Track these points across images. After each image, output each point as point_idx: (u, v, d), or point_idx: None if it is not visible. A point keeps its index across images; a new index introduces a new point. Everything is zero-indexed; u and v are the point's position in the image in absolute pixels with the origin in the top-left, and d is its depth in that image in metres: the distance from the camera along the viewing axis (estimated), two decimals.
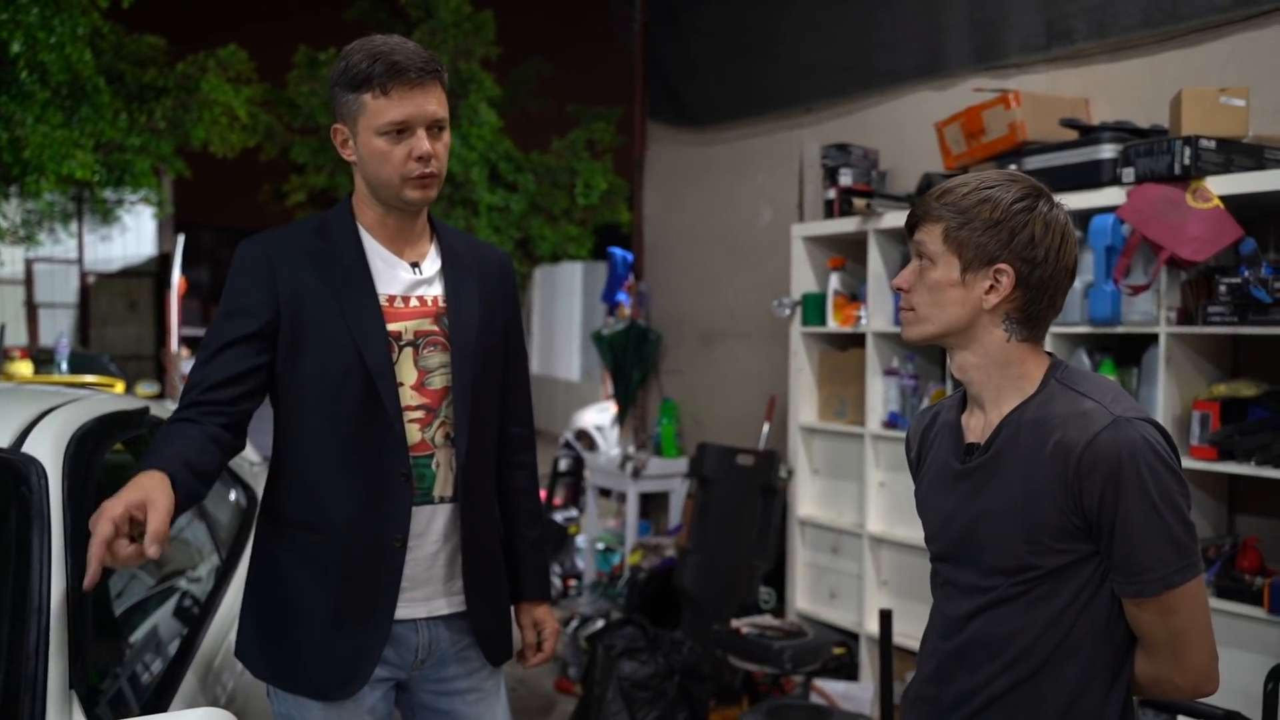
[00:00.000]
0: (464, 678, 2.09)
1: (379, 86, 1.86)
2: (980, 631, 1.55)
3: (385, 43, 1.89)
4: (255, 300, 1.92)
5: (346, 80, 1.89)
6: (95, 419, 2.28)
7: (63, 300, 17.59)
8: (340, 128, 1.95)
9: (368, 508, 1.94)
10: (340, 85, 1.90)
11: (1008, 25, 4.02)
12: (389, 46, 1.88)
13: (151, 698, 1.99)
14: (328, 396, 1.93)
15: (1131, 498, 1.42)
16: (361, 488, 1.94)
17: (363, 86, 1.87)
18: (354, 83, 1.88)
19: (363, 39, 1.93)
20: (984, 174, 1.57)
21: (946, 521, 1.61)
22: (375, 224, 2.01)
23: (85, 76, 10.55)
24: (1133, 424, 1.44)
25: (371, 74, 1.85)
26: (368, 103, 1.88)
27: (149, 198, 14.26)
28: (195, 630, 2.36)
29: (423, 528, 1.99)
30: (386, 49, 1.87)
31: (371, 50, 1.87)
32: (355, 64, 1.87)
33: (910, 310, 1.60)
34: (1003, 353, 1.55)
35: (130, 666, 2.02)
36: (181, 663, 2.18)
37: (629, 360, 5.90)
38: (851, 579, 4.17)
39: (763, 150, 5.27)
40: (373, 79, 1.86)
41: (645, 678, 3.62)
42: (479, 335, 2.03)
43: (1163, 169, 3.02)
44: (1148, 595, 1.45)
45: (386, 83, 1.85)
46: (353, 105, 1.90)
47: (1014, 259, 1.50)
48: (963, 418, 1.64)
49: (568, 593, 6.25)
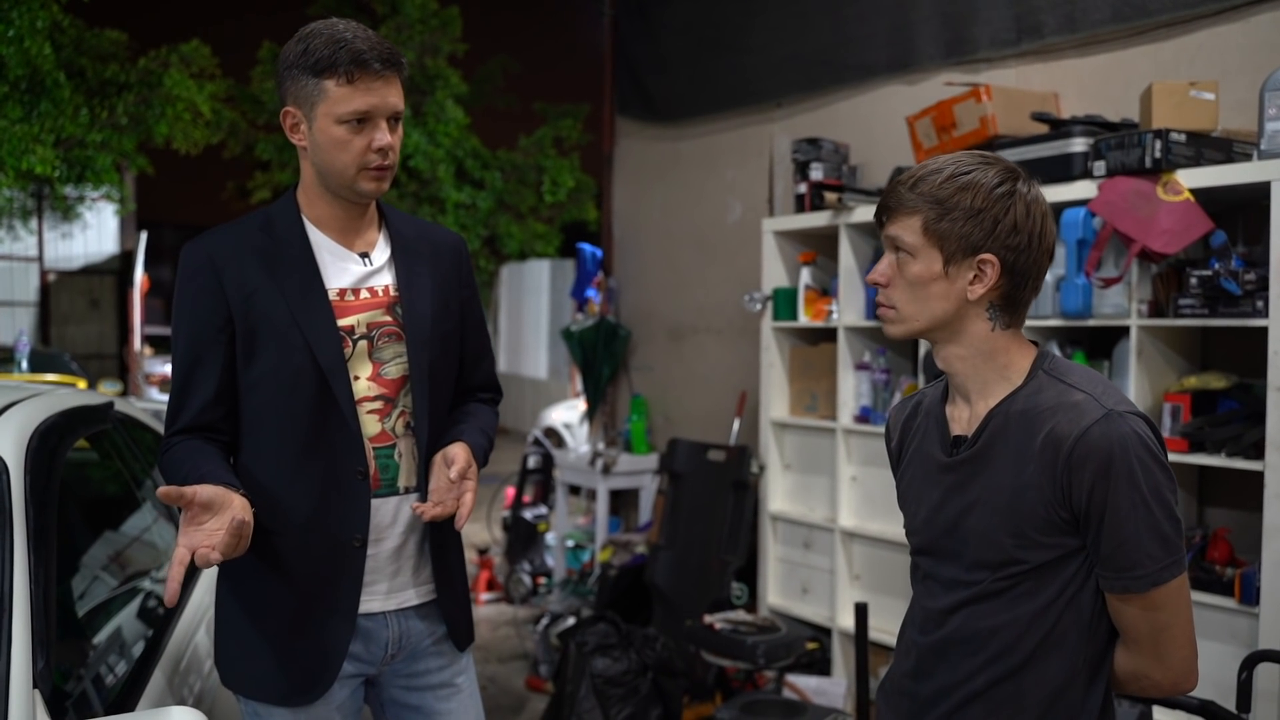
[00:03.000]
0: (436, 672, 2.06)
1: (345, 74, 1.82)
2: (962, 626, 1.53)
3: (349, 29, 1.85)
4: (206, 309, 1.90)
5: (308, 64, 1.83)
6: (58, 414, 2.24)
7: (22, 298, 17.31)
8: (293, 111, 1.89)
9: (325, 508, 1.91)
10: (298, 68, 1.84)
11: (977, 20, 4.03)
12: (352, 34, 1.84)
13: (117, 698, 1.94)
14: (281, 397, 1.90)
15: (1121, 492, 1.40)
16: (318, 488, 1.91)
17: (326, 72, 1.82)
18: (315, 67, 1.82)
19: (323, 22, 1.88)
20: (955, 157, 1.52)
21: (931, 515, 1.58)
22: (323, 216, 1.97)
23: (45, 71, 10.39)
24: (1125, 418, 1.42)
25: (336, 60, 1.81)
26: (330, 89, 1.83)
27: (111, 194, 14.05)
28: (162, 630, 2.31)
29: (389, 519, 1.96)
30: (350, 36, 1.83)
31: (335, 36, 1.83)
32: (318, 48, 1.82)
33: (891, 308, 1.55)
34: (988, 343, 1.52)
35: (96, 666, 1.98)
36: (148, 662, 2.14)
37: (598, 357, 5.88)
38: (823, 574, 4.16)
39: (732, 145, 5.26)
40: (337, 65, 1.81)
41: (618, 674, 3.59)
42: (433, 322, 2.00)
43: (1134, 162, 3.03)
44: (1136, 591, 1.43)
45: (352, 71, 1.81)
46: (312, 90, 1.84)
47: (998, 247, 1.47)
48: (947, 409, 1.61)
49: (537, 590, 6.22)
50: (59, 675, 1.75)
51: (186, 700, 2.23)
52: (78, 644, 2.00)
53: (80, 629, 2.06)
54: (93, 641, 2.07)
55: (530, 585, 6.25)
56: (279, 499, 1.92)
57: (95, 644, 2.07)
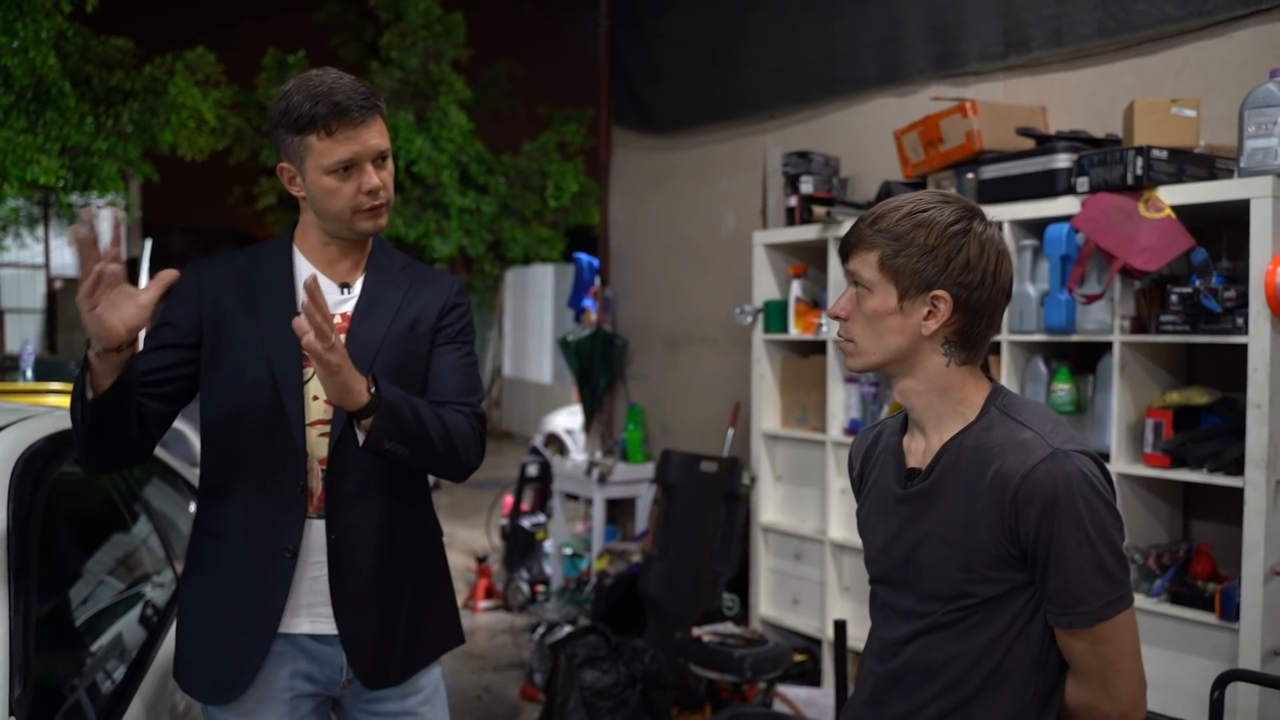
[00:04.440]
0: (395, 700, 2.08)
1: (323, 128, 1.89)
2: (915, 657, 1.56)
3: (323, 82, 1.91)
4: (180, 313, 2.00)
5: (289, 123, 1.91)
6: (46, 438, 2.27)
7: (30, 305, 17.42)
8: (287, 167, 1.99)
9: (264, 517, 1.98)
10: (283, 128, 1.93)
11: (966, 34, 4.05)
12: (327, 86, 1.90)
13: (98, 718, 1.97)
14: (237, 405, 1.98)
15: (1067, 530, 1.43)
16: (260, 497, 1.98)
17: (307, 129, 1.90)
18: (297, 125, 1.90)
19: (299, 78, 1.95)
20: (918, 195, 1.56)
21: (887, 545, 1.61)
22: (315, 248, 2.05)
23: (50, 80, 10.44)
24: (1070, 457, 1.45)
25: (315, 115, 1.88)
26: (313, 144, 1.91)
27: (116, 202, 14.12)
28: (147, 649, 2.34)
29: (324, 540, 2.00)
30: (325, 89, 1.89)
31: (311, 92, 1.89)
32: (296, 106, 1.90)
33: (850, 341, 1.58)
34: (943, 378, 1.55)
35: (77, 688, 2.00)
36: (131, 683, 2.17)
37: (595, 366, 5.90)
38: (814, 585, 4.18)
39: (727, 156, 5.28)
40: (316, 121, 1.89)
41: (607, 686, 3.62)
42: (381, 347, 1.99)
43: (1116, 179, 3.05)
44: (1080, 627, 1.46)
45: (331, 123, 1.88)
46: (298, 147, 1.93)
47: (951, 284, 1.50)
48: (905, 440, 1.64)
49: (535, 598, 6.25)
50: (36, 699, 1.78)
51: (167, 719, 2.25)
52: (60, 665, 2.03)
53: (65, 649, 2.09)
54: (77, 662, 2.10)
55: (528, 593, 6.28)
56: (223, 504, 2.01)
57: (79, 665, 2.10)
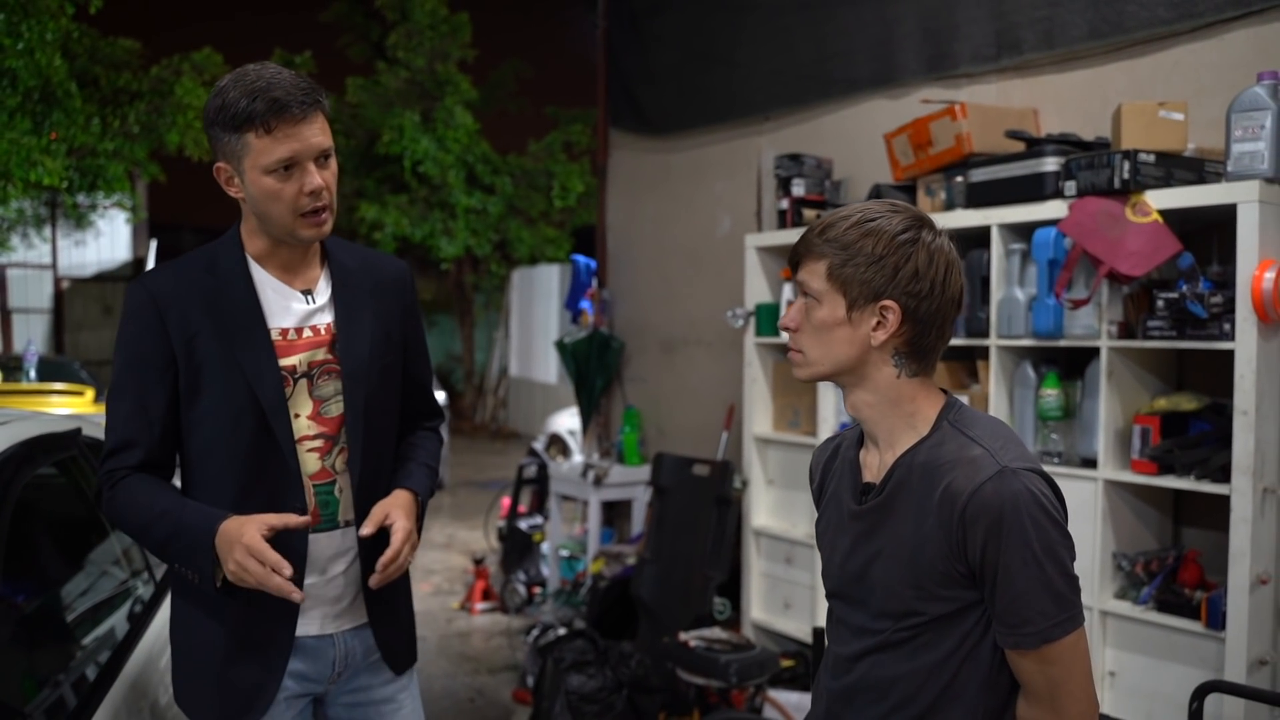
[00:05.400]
0: (378, 688, 2.12)
1: (262, 125, 1.81)
2: (867, 674, 1.54)
3: (260, 77, 1.83)
4: (149, 348, 1.91)
5: (226, 120, 1.83)
6: (20, 444, 2.26)
7: (36, 305, 17.46)
8: (224, 167, 1.90)
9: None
10: (219, 125, 1.85)
11: (958, 35, 4.02)
12: (265, 82, 1.82)
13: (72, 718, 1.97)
14: (223, 436, 1.93)
15: (1013, 549, 1.41)
16: None
17: (244, 126, 1.82)
18: (234, 123, 1.82)
19: (235, 73, 1.87)
20: (867, 204, 1.54)
21: (842, 560, 1.59)
22: (265, 254, 1.98)
23: (56, 82, 10.47)
24: (1018, 475, 1.42)
25: (253, 112, 1.81)
26: (251, 142, 1.83)
27: (122, 202, 14.16)
28: (125, 648, 2.35)
29: (332, 552, 2.01)
30: (263, 85, 1.82)
31: (249, 88, 1.82)
32: (233, 102, 1.82)
33: (798, 352, 1.56)
34: (894, 390, 1.53)
35: (54, 687, 2.00)
36: (105, 681, 2.17)
37: (591, 368, 5.90)
38: (805, 589, 4.16)
39: (721, 158, 5.26)
40: (254, 118, 1.81)
41: (593, 691, 3.61)
42: (370, 358, 2.02)
43: (1103, 182, 3.02)
44: (1027, 648, 1.44)
45: (270, 120, 1.81)
46: (235, 145, 1.85)
47: (899, 294, 1.48)
48: (861, 454, 1.62)
49: (532, 600, 6.25)
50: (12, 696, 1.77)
51: (145, 719, 2.25)
52: (34, 662, 2.03)
53: (41, 647, 2.10)
54: (53, 659, 2.10)
55: (525, 595, 6.27)
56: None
57: (57, 662, 2.10)
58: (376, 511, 1.96)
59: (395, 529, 1.95)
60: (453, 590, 6.83)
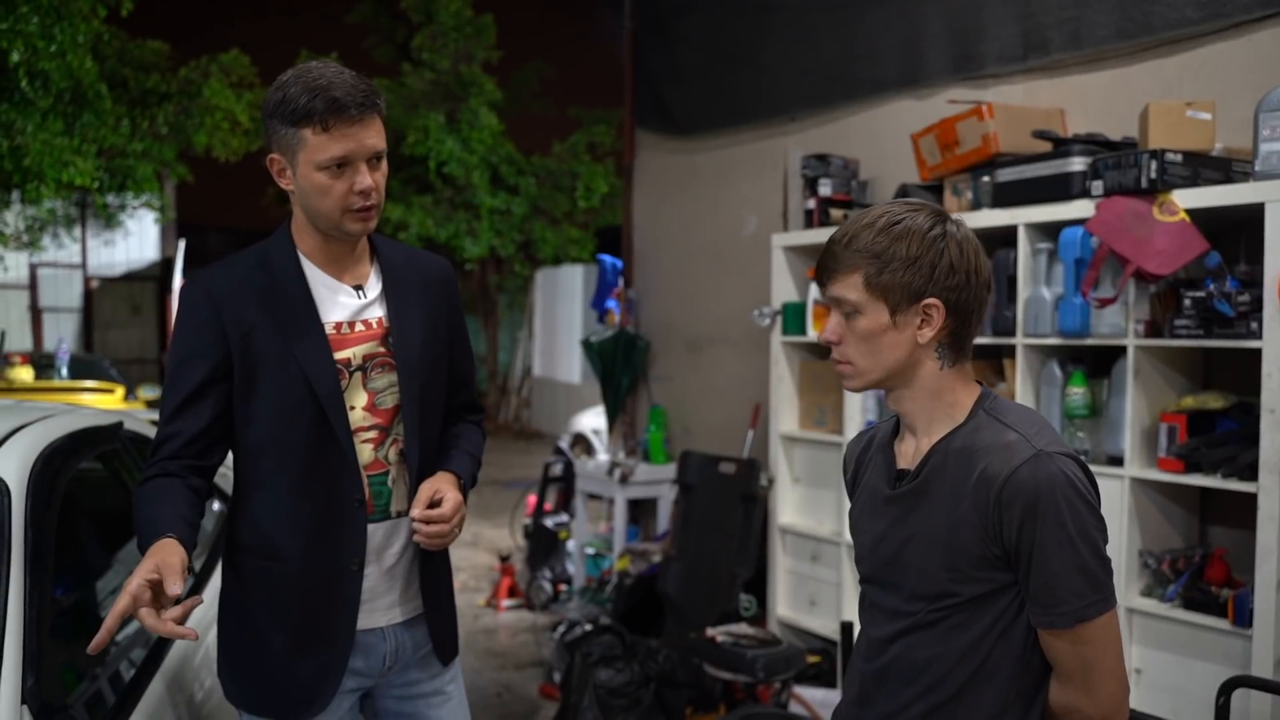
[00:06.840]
0: (427, 681, 2.16)
1: (319, 122, 1.85)
2: (900, 656, 1.57)
3: (323, 76, 1.87)
4: (204, 344, 1.95)
5: (285, 114, 1.87)
6: (65, 436, 2.32)
7: (66, 305, 17.66)
8: (277, 158, 1.94)
9: (324, 535, 1.98)
10: (278, 118, 1.89)
11: (985, 36, 4.04)
12: (327, 80, 1.86)
13: (110, 713, 2.01)
14: (281, 429, 1.97)
15: (1048, 531, 1.44)
16: (317, 516, 1.98)
17: (302, 122, 1.86)
18: (293, 117, 1.86)
19: (297, 69, 1.91)
20: (885, 207, 1.56)
21: (875, 545, 1.63)
22: (316, 250, 2.02)
23: (87, 84, 10.60)
24: (1054, 459, 1.46)
25: (312, 110, 1.84)
26: (308, 138, 1.87)
27: (151, 202, 14.33)
28: (164, 641, 2.38)
29: (383, 543, 2.05)
30: (325, 83, 1.86)
31: (310, 84, 1.86)
32: (293, 98, 1.86)
33: (847, 364, 1.59)
34: (936, 381, 1.57)
35: (93, 680, 2.05)
36: (145, 676, 2.21)
37: (618, 367, 5.94)
38: (831, 586, 4.19)
39: (748, 159, 5.29)
40: (313, 115, 1.85)
41: (621, 685, 3.65)
42: (422, 351, 2.07)
43: (1130, 182, 3.04)
44: (1061, 627, 1.47)
45: (328, 119, 1.85)
46: (291, 139, 1.89)
47: (939, 290, 1.51)
48: (895, 443, 1.66)
49: (558, 597, 6.29)
50: (49, 690, 1.82)
51: (184, 712, 2.30)
52: (77, 657, 2.08)
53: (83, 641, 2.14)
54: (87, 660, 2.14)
55: (551, 592, 6.32)
56: (279, 527, 2.00)
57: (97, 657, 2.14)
58: (424, 489, 2.00)
59: (445, 499, 1.99)
60: (479, 587, 6.89)
